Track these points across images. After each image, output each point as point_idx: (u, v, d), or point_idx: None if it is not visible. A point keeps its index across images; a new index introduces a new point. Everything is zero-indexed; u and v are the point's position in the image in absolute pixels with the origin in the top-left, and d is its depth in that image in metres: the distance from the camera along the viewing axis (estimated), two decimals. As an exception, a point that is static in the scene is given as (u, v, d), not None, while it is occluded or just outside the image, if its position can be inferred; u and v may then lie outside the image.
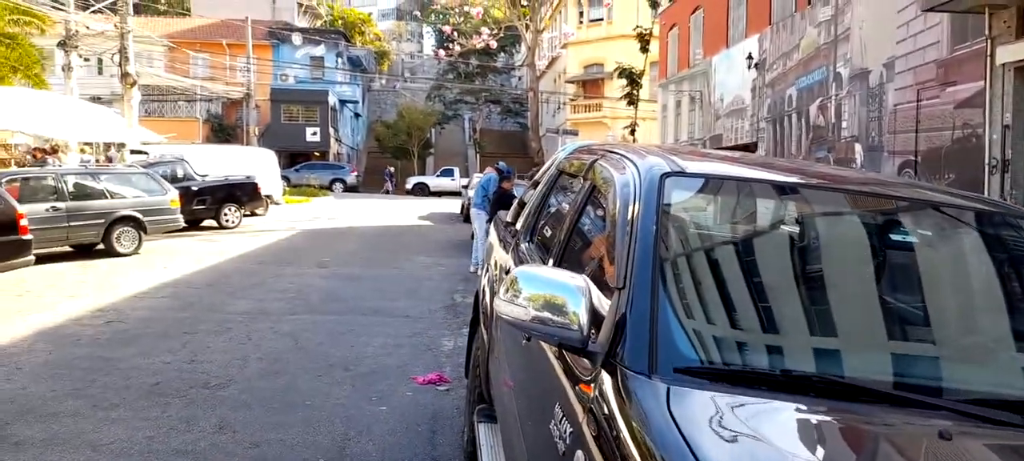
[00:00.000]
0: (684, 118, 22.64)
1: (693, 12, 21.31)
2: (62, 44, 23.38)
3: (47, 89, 22.57)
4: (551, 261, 2.54)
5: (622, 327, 1.60)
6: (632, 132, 17.86)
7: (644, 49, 17.63)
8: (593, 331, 1.65)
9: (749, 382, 1.56)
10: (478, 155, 45.43)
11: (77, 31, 23.34)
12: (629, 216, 1.87)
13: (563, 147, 3.99)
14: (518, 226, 3.67)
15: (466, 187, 23.70)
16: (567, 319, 1.65)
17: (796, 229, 2.14)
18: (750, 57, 17.29)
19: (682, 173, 2.03)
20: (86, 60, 27.09)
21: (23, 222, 8.33)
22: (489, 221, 10.36)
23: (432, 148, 46.19)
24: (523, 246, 3.21)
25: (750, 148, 17.24)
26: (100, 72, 35.40)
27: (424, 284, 10.14)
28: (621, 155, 2.42)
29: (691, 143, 21.60)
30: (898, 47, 11.64)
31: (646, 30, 17.72)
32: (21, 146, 19.28)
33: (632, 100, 17.51)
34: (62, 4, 22.91)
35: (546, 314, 1.68)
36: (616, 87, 36.85)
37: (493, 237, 4.82)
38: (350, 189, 36.47)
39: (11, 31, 21.44)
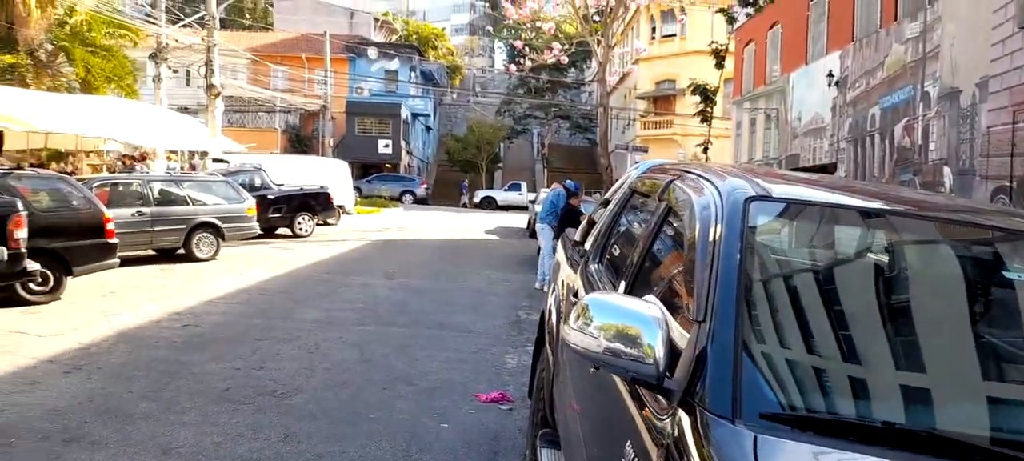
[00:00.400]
0: (759, 137, 22.01)
1: (771, 28, 20.75)
2: (153, 56, 24.65)
3: (138, 99, 23.76)
4: (622, 286, 2.43)
5: (702, 364, 1.48)
6: (705, 150, 17.48)
7: (719, 65, 17.24)
8: (670, 366, 1.54)
9: (841, 433, 1.42)
10: (546, 170, 45.41)
11: (167, 44, 24.57)
12: (710, 242, 1.75)
13: (635, 166, 3.86)
14: (587, 246, 3.56)
15: (533, 202, 23.67)
16: (641, 352, 1.55)
17: (886, 259, 1.97)
18: (830, 74, 16.68)
19: (767, 197, 1.89)
20: (175, 71, 28.45)
21: (110, 226, 8.72)
22: (555, 238, 10.27)
23: (500, 162, 46.48)
24: (592, 267, 3.11)
25: (829, 169, 16.59)
26: (188, 83, 37.17)
27: (489, 299, 10.10)
28: (699, 176, 2.30)
29: (766, 163, 20.97)
30: (992, 66, 10.98)
31: (721, 46, 17.29)
32: (112, 153, 20.36)
33: (706, 117, 17.13)
34: (154, 18, 24.17)
35: (618, 345, 1.58)
36: (688, 104, 36.37)
37: (560, 256, 4.72)
38: (419, 201, 37.00)
39: (107, 43, 22.68)
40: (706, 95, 17.43)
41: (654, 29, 38.95)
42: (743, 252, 1.68)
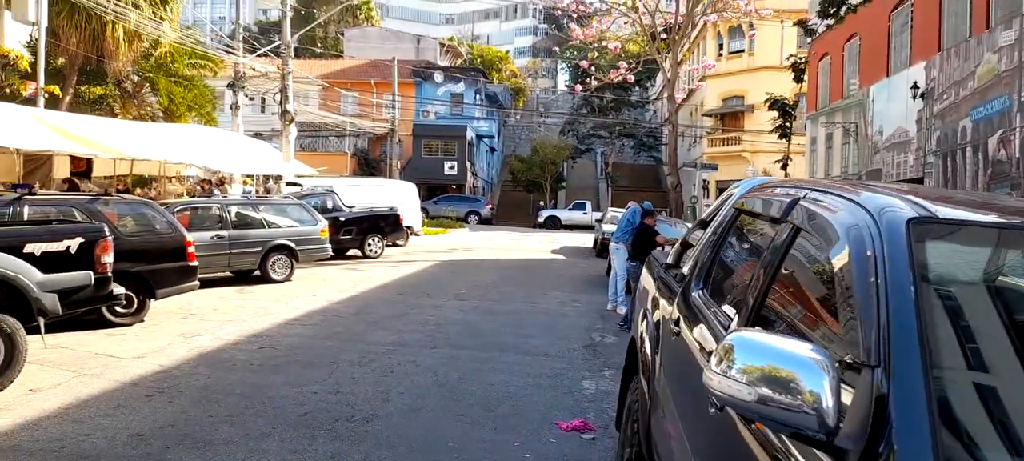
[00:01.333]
0: (836, 152, 21.14)
1: (848, 40, 19.97)
2: (231, 85, 25.56)
3: (216, 126, 24.64)
4: (739, 318, 2.18)
5: (884, 418, 1.24)
6: (784, 166, 16.82)
7: (798, 79, 16.61)
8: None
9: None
10: (610, 189, 44.96)
11: (244, 73, 25.45)
12: (871, 272, 1.51)
13: (736, 185, 3.59)
14: (685, 270, 3.32)
15: (600, 221, 23.33)
16: (802, 401, 1.32)
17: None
18: (915, 86, 15.86)
19: (933, 219, 1.63)
20: (251, 99, 29.43)
21: (191, 249, 8.91)
22: (630, 258, 9.98)
23: (564, 181, 46.27)
24: (695, 295, 2.86)
25: (917, 184, 15.74)
26: (263, 110, 38.51)
27: (561, 321, 9.87)
28: (833, 194, 2.05)
29: (845, 178, 20.10)
30: (1104, 71, 10.18)
31: (800, 59, 16.69)
32: (193, 178, 21.12)
33: (784, 132, 16.50)
34: (232, 48, 25.08)
35: (774, 393, 1.36)
36: (758, 120, 35.45)
37: (647, 280, 4.48)
38: (484, 221, 37.10)
39: (189, 73, 23.63)
40: (785, 109, 16.80)
41: (721, 45, 38.21)
42: (917, 284, 1.43)
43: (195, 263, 9.01)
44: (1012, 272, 1.61)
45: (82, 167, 17.16)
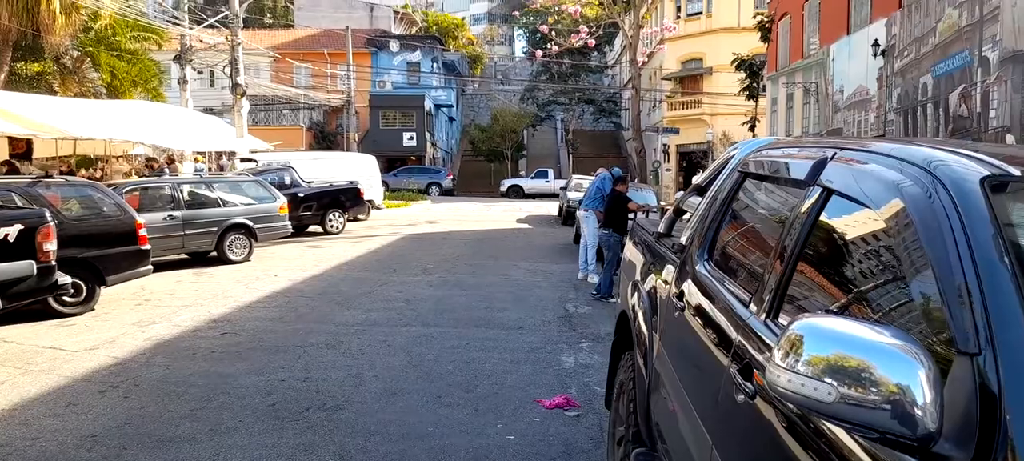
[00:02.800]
0: (797, 111, 21.24)
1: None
2: (178, 58, 24.53)
3: (164, 102, 23.66)
4: (765, 299, 1.96)
5: (996, 417, 1.03)
6: (752, 128, 16.79)
7: (765, 38, 16.51)
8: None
9: None
10: (571, 156, 44.82)
11: (191, 45, 24.42)
12: (949, 244, 1.29)
13: (734, 146, 3.37)
14: (683, 240, 3.09)
15: (564, 189, 23.15)
16: (890, 399, 1.10)
17: None
18: (876, 44, 15.91)
19: (1008, 177, 1.42)
20: (199, 73, 28.37)
21: (142, 232, 8.42)
22: (601, 226, 9.80)
23: (525, 150, 45.98)
24: (700, 269, 2.64)
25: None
26: (212, 84, 37.25)
27: (533, 292, 9.67)
28: (874, 151, 1.83)
29: (805, 137, 20.24)
30: (1064, 24, 10.26)
31: (767, 17, 16.57)
32: (141, 157, 20.24)
33: (752, 93, 16.43)
34: (178, 20, 24.02)
35: (854, 391, 1.13)
36: (717, 82, 35.52)
37: (633, 252, 4.26)
38: (446, 192, 36.66)
39: (132, 47, 22.55)
40: (752, 69, 16.71)
41: (679, 8, 38.05)
42: (1010, 254, 1.21)
43: (147, 247, 8.54)
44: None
45: (21, 149, 16.28)
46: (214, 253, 11.95)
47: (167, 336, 6.97)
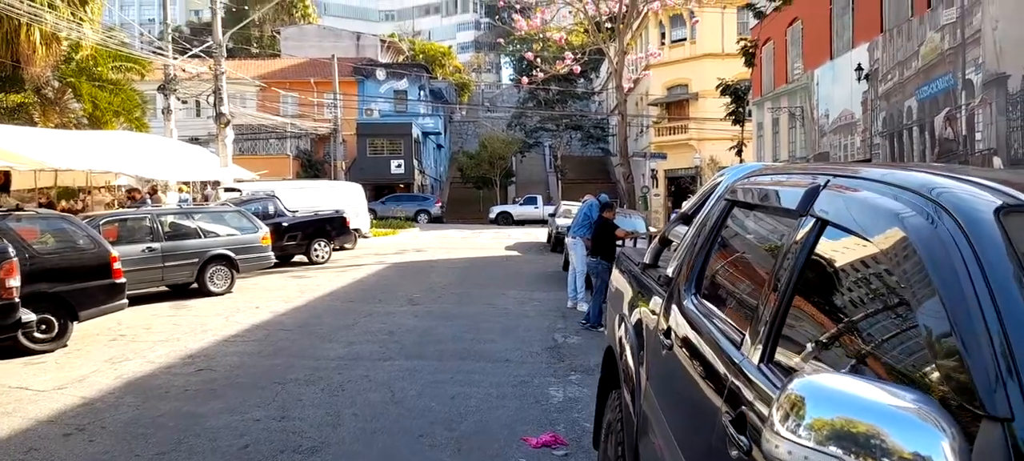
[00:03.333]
0: (783, 136, 21.30)
1: (790, 24, 20.09)
2: (162, 88, 24.35)
3: (147, 131, 23.45)
4: (757, 339, 1.81)
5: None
6: (739, 152, 16.75)
7: (749, 63, 16.55)
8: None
9: None
10: (560, 182, 44.81)
11: (175, 75, 24.26)
12: (963, 284, 1.13)
13: (721, 172, 3.22)
14: (669, 271, 2.94)
15: (553, 215, 23.05)
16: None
17: None
18: (859, 68, 15.98)
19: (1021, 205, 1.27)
20: (184, 102, 28.12)
21: (117, 266, 8.19)
22: (589, 253, 9.65)
23: (514, 176, 45.96)
24: (688, 304, 2.48)
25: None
26: (198, 114, 37.09)
27: (521, 322, 9.48)
28: (871, 179, 1.69)
29: (792, 162, 20.26)
30: (1045, 47, 10.30)
31: (751, 43, 16.62)
32: (124, 188, 19.98)
33: (738, 118, 16.42)
34: (161, 50, 23.88)
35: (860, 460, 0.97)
36: (703, 108, 35.72)
37: (620, 281, 4.10)
38: (434, 220, 36.48)
39: (114, 77, 22.38)
40: (738, 94, 16.72)
41: (663, 34, 38.37)
42: (1035, 297, 1.06)
43: (122, 280, 8.30)
44: None
45: (0, 181, 16.00)
46: (195, 285, 11.69)
47: (140, 373, 6.72)
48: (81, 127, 20.98)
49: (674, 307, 2.65)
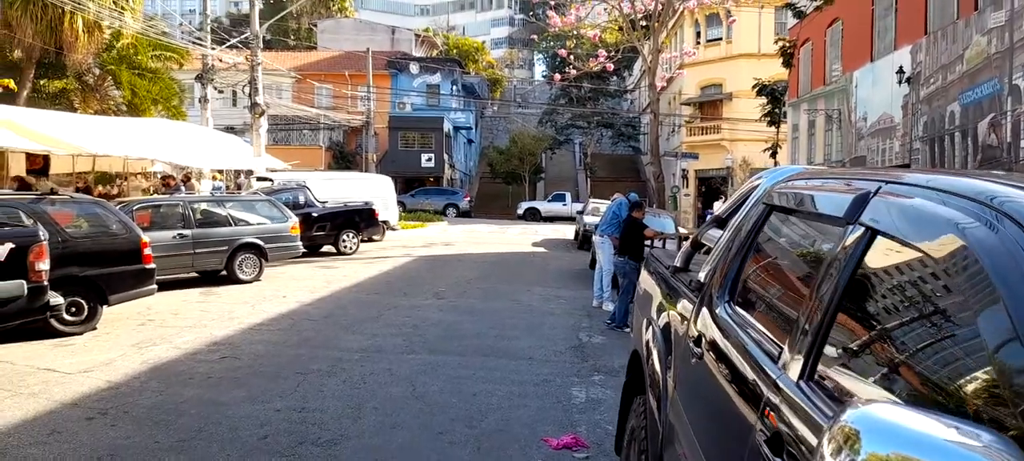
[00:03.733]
0: (819, 138, 20.85)
1: (830, 25, 19.63)
2: (199, 77, 24.68)
3: (184, 120, 23.77)
4: (799, 355, 1.69)
5: None
6: (774, 154, 16.42)
7: (787, 64, 16.19)
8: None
9: None
10: (589, 180, 44.56)
11: (213, 65, 24.56)
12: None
13: (760, 175, 3.08)
14: (702, 277, 2.82)
15: (581, 213, 22.87)
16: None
17: None
18: (901, 71, 15.55)
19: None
20: (221, 92, 28.52)
21: (147, 251, 8.27)
22: (617, 253, 9.51)
23: (543, 173, 45.77)
24: (722, 312, 2.36)
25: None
26: (234, 104, 37.51)
27: (546, 320, 9.38)
28: (921, 186, 1.56)
29: (830, 166, 19.81)
30: (1100, 52, 9.89)
31: (789, 42, 16.27)
32: (160, 174, 20.28)
33: (774, 119, 16.09)
34: (200, 40, 24.19)
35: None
36: (736, 108, 35.18)
37: (649, 285, 3.98)
38: (463, 214, 36.52)
39: (153, 66, 22.71)
40: (775, 95, 16.38)
41: (698, 33, 37.88)
42: None
43: (152, 266, 8.38)
44: None
45: (39, 164, 16.31)
46: (224, 272, 11.79)
47: (165, 359, 6.76)
48: (120, 114, 21.35)
49: (706, 313, 2.54)
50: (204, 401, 5.48)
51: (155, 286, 8.55)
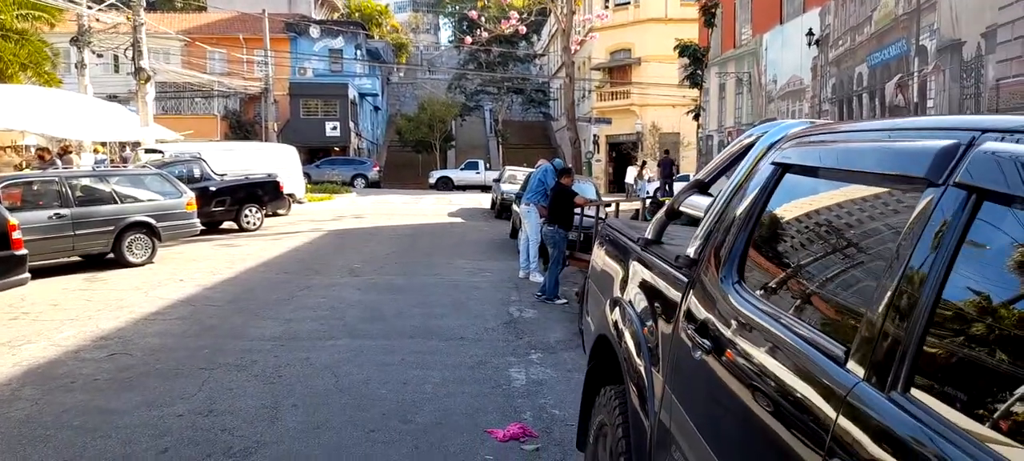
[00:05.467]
0: (729, 101, 21.15)
1: (739, -12, 19.82)
2: (75, 40, 22.46)
3: (59, 87, 21.62)
4: (883, 359, 1.30)
5: None
6: (696, 116, 16.42)
7: (709, 23, 16.14)
8: None
9: None
10: (500, 146, 44.14)
11: (90, 27, 22.37)
12: None
13: (752, 132, 2.65)
14: (691, 253, 2.40)
15: (497, 181, 22.41)
16: None
17: None
18: (810, 33, 15.83)
19: None
20: (99, 56, 26.07)
21: (16, 235, 7.20)
22: (545, 222, 9.13)
23: (453, 141, 44.97)
24: (733, 297, 1.95)
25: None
26: (117, 70, 34.62)
27: (472, 295, 8.91)
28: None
29: (739, 129, 20.15)
30: (1002, 13, 10.21)
31: (712, 2, 16.19)
32: (33, 147, 18.35)
33: (696, 81, 16.04)
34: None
35: None
36: (645, 73, 35.49)
37: (606, 261, 3.57)
38: (372, 185, 35.37)
39: (20, 27, 20.44)
40: (696, 56, 16.33)
41: (607, -2, 37.89)
42: None
43: (23, 252, 7.33)
44: None
45: None
46: (111, 255, 10.66)
47: (43, 359, 5.87)
48: (-18, 81, 19.10)
49: (702, 297, 2.13)
50: (90, 409, 4.71)
51: (27, 274, 7.49)
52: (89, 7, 22.42)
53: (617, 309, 3.03)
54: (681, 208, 2.81)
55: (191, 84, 36.01)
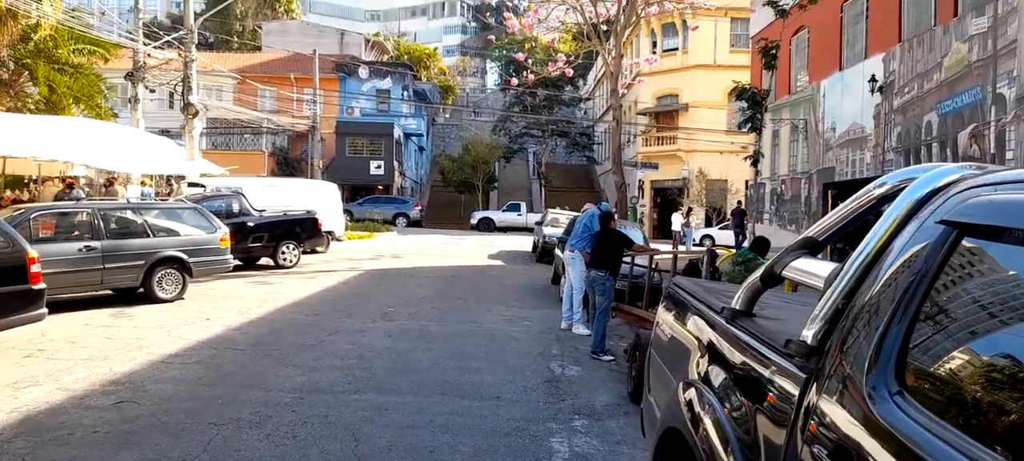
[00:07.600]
0: (783, 149, 20.34)
1: (795, 33, 19.14)
2: (129, 75, 22.84)
3: (110, 119, 21.94)
4: None
5: None
6: (755, 163, 15.65)
7: (769, 66, 15.47)
8: None
9: None
10: (543, 189, 43.70)
11: (144, 62, 22.76)
12: None
13: (884, 181, 2.02)
14: (808, 338, 1.76)
15: (539, 223, 21.86)
16: None
17: None
18: (873, 79, 15.03)
19: None
20: (152, 91, 26.60)
21: (34, 269, 6.87)
22: (589, 266, 8.49)
23: (496, 182, 44.72)
24: (895, 418, 1.32)
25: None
26: (171, 106, 35.35)
27: (510, 346, 8.28)
28: None
29: (793, 177, 19.28)
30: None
31: (772, 43, 15.54)
32: (84, 178, 18.50)
33: (755, 126, 15.31)
34: (131, 35, 22.38)
35: None
36: (692, 118, 34.79)
37: (678, 329, 2.93)
38: (413, 223, 35.17)
39: (76, 61, 20.85)
40: (755, 99, 15.64)
41: (655, 43, 37.48)
42: None
43: (41, 286, 6.98)
44: None
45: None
46: (141, 290, 10.35)
47: (44, 406, 5.42)
48: (37, 113, 19.43)
49: (836, 408, 1.49)
50: (79, 470, 4.21)
51: (44, 310, 7.13)
52: (144, 43, 22.85)
53: (700, 398, 2.39)
54: (785, 273, 2.17)
55: (241, 120, 36.61)
